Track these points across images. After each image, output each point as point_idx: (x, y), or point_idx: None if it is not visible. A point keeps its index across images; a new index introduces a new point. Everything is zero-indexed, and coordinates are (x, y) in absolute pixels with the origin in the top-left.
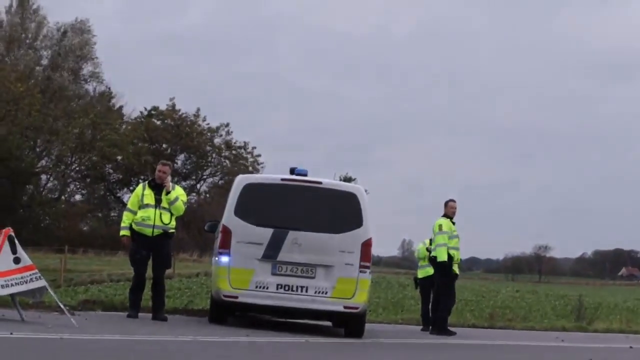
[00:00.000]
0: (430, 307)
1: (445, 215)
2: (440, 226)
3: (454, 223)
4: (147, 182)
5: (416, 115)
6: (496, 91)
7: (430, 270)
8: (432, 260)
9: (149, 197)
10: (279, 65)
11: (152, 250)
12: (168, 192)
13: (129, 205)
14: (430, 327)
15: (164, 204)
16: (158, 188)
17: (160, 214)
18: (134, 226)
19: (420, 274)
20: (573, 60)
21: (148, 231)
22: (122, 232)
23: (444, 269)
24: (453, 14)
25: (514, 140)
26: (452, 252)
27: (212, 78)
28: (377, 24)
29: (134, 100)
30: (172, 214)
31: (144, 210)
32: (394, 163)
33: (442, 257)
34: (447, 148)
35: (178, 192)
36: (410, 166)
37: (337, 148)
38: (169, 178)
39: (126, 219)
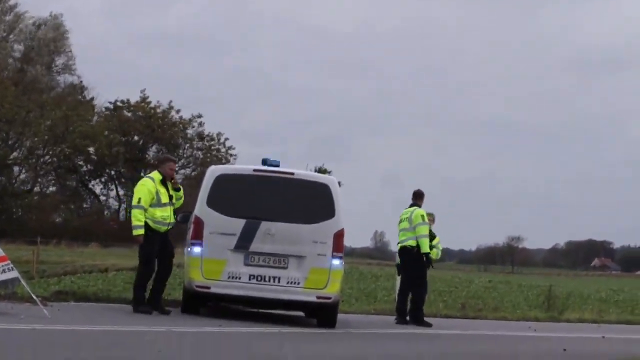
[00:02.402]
0: (397, 296)
1: (417, 205)
2: (422, 217)
3: None
4: (154, 179)
5: (394, 110)
6: (474, 86)
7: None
8: (404, 251)
9: (165, 195)
10: (259, 61)
11: (160, 245)
12: (178, 189)
13: (142, 203)
14: (398, 317)
15: (174, 200)
16: (166, 185)
17: (172, 210)
18: (150, 224)
19: None
20: (552, 56)
21: (164, 229)
22: (139, 232)
23: (424, 260)
24: (436, 10)
25: (489, 134)
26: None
27: (192, 73)
28: (360, 20)
29: (112, 95)
30: None
31: (163, 209)
32: (370, 156)
33: (427, 248)
34: (424, 141)
35: (181, 188)
36: (386, 159)
37: (315, 141)
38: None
39: (141, 217)
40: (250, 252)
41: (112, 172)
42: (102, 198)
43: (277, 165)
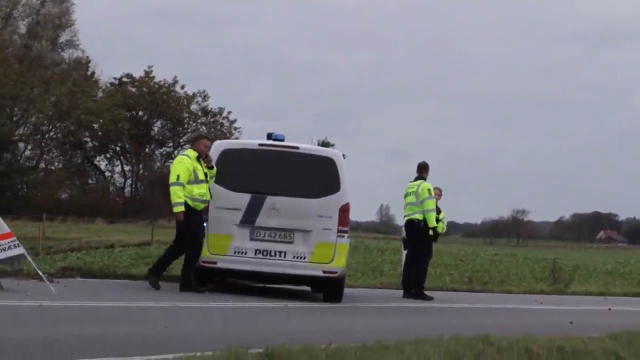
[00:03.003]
0: (403, 270)
1: (423, 178)
2: (429, 191)
3: None
4: (190, 156)
5: (399, 84)
6: (478, 58)
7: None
8: (410, 224)
9: (201, 172)
10: (264, 35)
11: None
12: (212, 167)
13: (182, 180)
14: (403, 291)
15: (208, 178)
16: (200, 163)
17: (209, 188)
18: (189, 202)
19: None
20: (556, 27)
21: (201, 206)
22: (179, 208)
23: (431, 234)
24: None
25: (495, 107)
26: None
27: (196, 48)
28: None
29: (116, 71)
30: None
31: (200, 185)
32: (376, 130)
33: (433, 223)
34: (429, 115)
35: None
36: (392, 133)
37: (320, 116)
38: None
39: (181, 193)
40: (256, 227)
41: (117, 148)
42: (108, 174)
43: (282, 140)
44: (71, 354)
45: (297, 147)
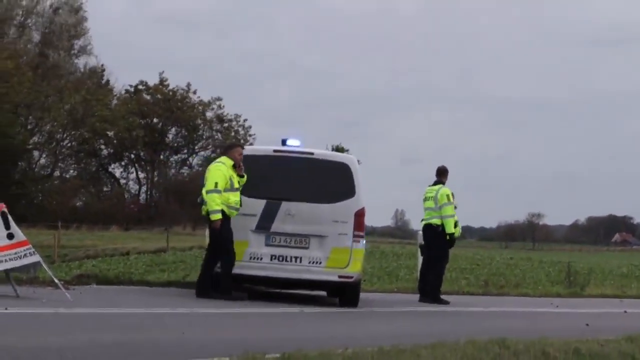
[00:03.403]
0: (418, 274)
1: (442, 182)
2: (448, 196)
3: None
4: (225, 163)
5: (413, 89)
6: (494, 62)
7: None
8: (428, 228)
9: (236, 180)
10: (278, 42)
11: None
12: (243, 176)
13: (219, 187)
14: (419, 296)
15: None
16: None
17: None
18: (225, 209)
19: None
20: (568, 32)
21: (235, 214)
22: (217, 216)
23: (449, 240)
24: None
25: (509, 111)
26: (452, 221)
27: (210, 54)
28: (381, 1)
29: (130, 77)
30: None
31: (235, 193)
32: (391, 135)
33: (451, 229)
34: (444, 120)
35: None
36: (407, 138)
37: (334, 122)
38: None
39: (219, 201)
40: (272, 233)
41: (132, 156)
42: (122, 181)
43: (297, 146)
44: None
45: (311, 153)
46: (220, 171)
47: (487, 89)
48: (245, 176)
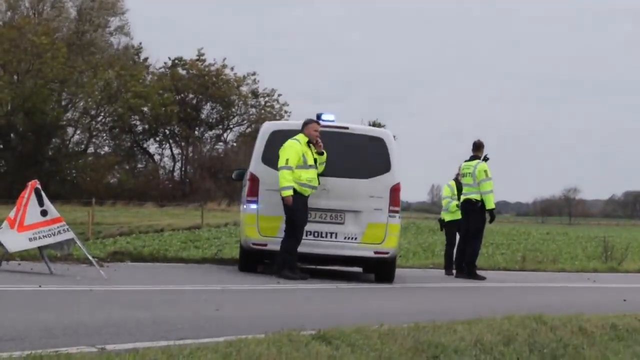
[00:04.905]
0: (455, 250)
1: (477, 157)
2: (485, 172)
3: None
4: (299, 140)
5: (453, 64)
6: (533, 37)
7: (457, 214)
8: (467, 204)
9: (311, 157)
10: (318, 18)
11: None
12: (322, 153)
13: (290, 164)
14: (455, 271)
15: (317, 163)
16: (310, 148)
17: (317, 174)
18: (296, 186)
19: (447, 216)
20: (606, 8)
21: (309, 192)
22: (288, 192)
23: (491, 216)
24: None
25: (545, 86)
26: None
27: (250, 30)
28: None
29: (170, 54)
30: None
31: (308, 171)
32: (428, 111)
33: (492, 204)
34: (481, 95)
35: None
36: (444, 113)
37: (374, 99)
38: None
39: (290, 177)
40: (307, 208)
41: (167, 132)
42: (157, 157)
43: (332, 120)
44: (122, 338)
45: (346, 127)
46: (293, 148)
47: (525, 63)
48: (325, 153)
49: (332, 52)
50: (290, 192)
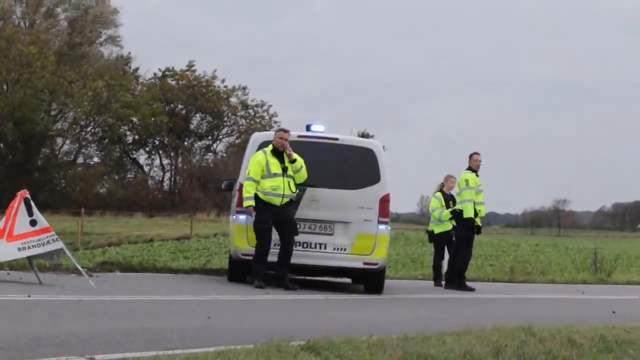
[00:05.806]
0: (446, 261)
1: (470, 169)
2: (466, 181)
3: (478, 176)
4: (265, 150)
5: (444, 74)
6: (522, 45)
7: (447, 226)
8: (455, 215)
9: (276, 166)
10: (312, 24)
11: (276, 218)
12: (294, 161)
13: (251, 175)
14: (444, 282)
15: (290, 172)
16: (280, 156)
17: (288, 182)
18: (261, 196)
19: (437, 228)
20: (599, 16)
21: (277, 200)
22: (248, 203)
23: (468, 225)
24: None
25: (535, 95)
26: (478, 207)
27: (243, 38)
28: None
29: (161, 65)
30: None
31: (272, 179)
32: (416, 121)
33: (469, 213)
34: (469, 104)
35: (300, 160)
36: (431, 124)
37: (361, 107)
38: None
39: (250, 188)
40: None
41: (156, 142)
42: (146, 168)
43: (322, 131)
44: (111, 348)
45: (336, 138)
46: (255, 159)
47: (514, 71)
48: (298, 160)
49: (323, 62)
50: (250, 203)
